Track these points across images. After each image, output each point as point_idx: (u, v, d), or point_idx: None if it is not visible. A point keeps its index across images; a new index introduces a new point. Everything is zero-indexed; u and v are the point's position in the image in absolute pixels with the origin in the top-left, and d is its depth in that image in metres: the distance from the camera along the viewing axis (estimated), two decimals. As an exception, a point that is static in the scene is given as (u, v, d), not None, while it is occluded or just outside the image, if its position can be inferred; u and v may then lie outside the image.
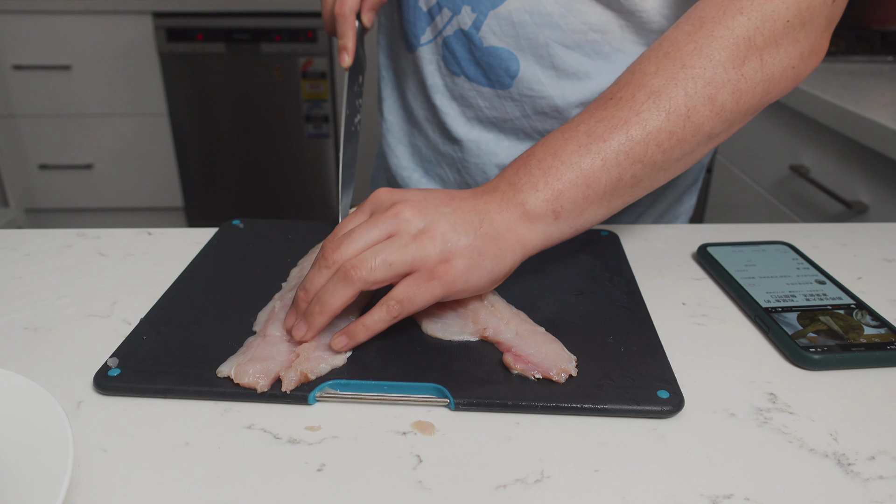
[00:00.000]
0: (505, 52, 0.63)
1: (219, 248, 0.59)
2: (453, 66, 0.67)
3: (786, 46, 0.48)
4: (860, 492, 0.34)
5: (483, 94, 0.67)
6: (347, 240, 0.43)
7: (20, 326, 0.48)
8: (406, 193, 0.45)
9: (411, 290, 0.42)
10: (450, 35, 0.65)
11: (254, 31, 2.24)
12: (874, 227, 0.66)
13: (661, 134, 0.45)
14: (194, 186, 2.48)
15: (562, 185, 0.45)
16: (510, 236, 0.44)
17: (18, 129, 2.35)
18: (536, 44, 0.62)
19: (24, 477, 0.31)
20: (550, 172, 0.45)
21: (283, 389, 0.40)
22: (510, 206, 0.45)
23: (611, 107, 0.46)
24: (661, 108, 0.45)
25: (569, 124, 0.47)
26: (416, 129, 0.75)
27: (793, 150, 1.23)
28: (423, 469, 0.36)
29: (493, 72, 0.65)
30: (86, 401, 0.41)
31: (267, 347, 0.43)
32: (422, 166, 0.77)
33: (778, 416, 0.40)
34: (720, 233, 0.64)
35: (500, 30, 0.63)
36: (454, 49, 0.66)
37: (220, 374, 0.41)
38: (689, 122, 0.46)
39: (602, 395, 0.40)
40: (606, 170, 0.45)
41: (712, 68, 0.46)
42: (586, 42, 0.62)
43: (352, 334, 0.43)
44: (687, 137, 0.46)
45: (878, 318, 0.48)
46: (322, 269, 0.43)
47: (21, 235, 0.62)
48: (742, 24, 0.46)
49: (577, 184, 0.45)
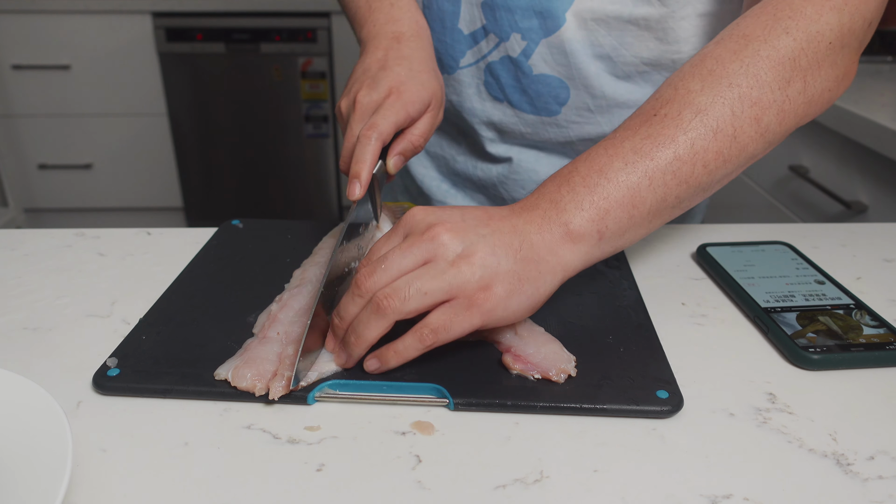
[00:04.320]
0: (555, 80, 0.63)
1: (218, 249, 0.59)
2: (496, 91, 0.65)
3: (826, 69, 0.46)
4: (859, 492, 0.34)
5: (526, 121, 0.66)
6: (381, 267, 0.41)
7: (19, 326, 0.48)
8: (442, 214, 0.42)
9: (447, 319, 0.40)
10: (495, 61, 0.64)
11: (253, 31, 2.24)
12: (873, 227, 0.66)
13: (708, 154, 0.44)
14: (194, 186, 2.48)
15: (608, 204, 0.42)
16: (551, 259, 0.42)
17: (18, 129, 2.35)
18: (588, 73, 0.62)
19: (24, 477, 0.31)
20: (596, 190, 0.42)
21: (269, 397, 0.40)
22: (552, 226, 0.42)
23: (656, 123, 0.44)
24: (709, 128, 0.43)
25: (611, 140, 0.45)
26: (444, 143, 0.74)
27: (792, 150, 1.23)
28: (422, 469, 0.36)
29: (542, 99, 0.64)
30: (85, 401, 0.41)
31: (264, 349, 0.43)
32: (450, 179, 0.75)
33: (777, 416, 0.40)
34: (719, 233, 0.64)
35: (551, 58, 0.62)
36: (499, 75, 0.64)
37: (218, 377, 0.41)
38: (735, 142, 0.44)
39: (601, 395, 0.40)
40: (653, 189, 0.43)
41: (759, 88, 0.44)
42: (636, 73, 0.62)
43: (384, 359, 0.41)
44: (731, 158, 0.45)
45: (877, 319, 0.48)
46: (356, 297, 0.41)
47: (20, 235, 0.62)
48: (788, 45, 0.45)
49: (623, 203, 0.43)
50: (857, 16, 0.47)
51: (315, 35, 2.25)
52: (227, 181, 2.47)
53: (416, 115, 0.52)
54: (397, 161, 0.52)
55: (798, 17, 0.45)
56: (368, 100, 0.51)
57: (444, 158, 0.74)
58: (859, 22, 0.47)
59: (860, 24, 0.47)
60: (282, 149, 2.41)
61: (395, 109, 0.50)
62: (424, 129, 0.53)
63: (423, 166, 0.76)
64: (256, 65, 2.28)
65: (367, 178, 0.48)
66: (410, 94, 0.51)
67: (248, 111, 2.36)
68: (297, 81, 2.30)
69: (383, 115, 0.49)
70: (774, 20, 0.46)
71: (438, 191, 0.76)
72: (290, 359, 0.42)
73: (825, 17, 0.45)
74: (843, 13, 0.46)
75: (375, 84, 0.51)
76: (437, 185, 0.75)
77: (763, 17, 0.46)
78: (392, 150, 0.51)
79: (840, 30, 0.46)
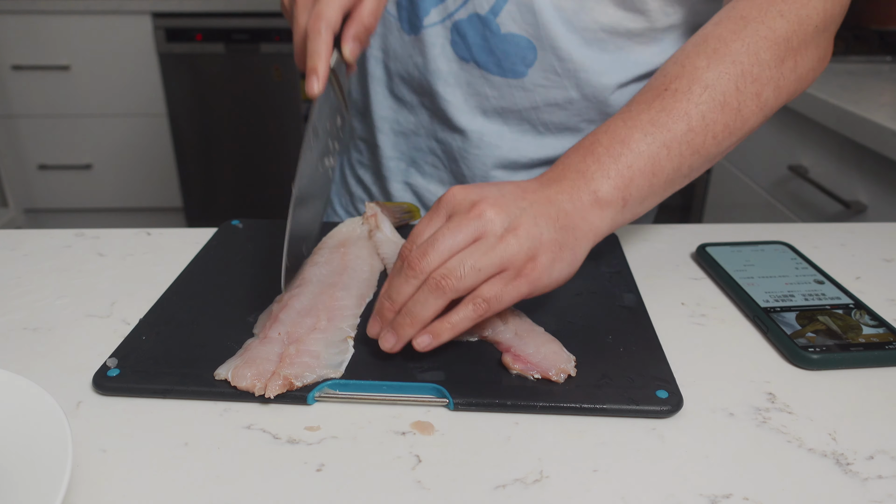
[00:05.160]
0: (523, 40, 0.62)
1: (218, 249, 0.59)
2: (462, 51, 0.64)
3: (812, 49, 0.52)
4: (859, 491, 0.34)
5: (492, 82, 0.65)
6: (432, 247, 0.42)
7: (19, 327, 0.48)
8: (482, 190, 0.44)
9: (498, 289, 0.41)
10: (462, 19, 0.63)
11: (253, 31, 2.24)
12: (873, 226, 0.66)
13: (717, 126, 0.48)
14: (193, 186, 2.48)
15: (631, 172, 0.46)
16: (583, 225, 0.45)
17: (18, 130, 2.35)
18: (555, 34, 0.62)
19: (24, 477, 0.31)
20: (621, 160, 0.46)
21: (266, 395, 0.40)
22: (581, 194, 0.45)
23: (668, 97, 0.48)
24: (717, 102, 0.48)
25: (628, 112, 0.48)
26: (402, 117, 0.72)
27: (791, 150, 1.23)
28: (422, 469, 0.36)
29: (508, 59, 0.63)
30: (85, 401, 0.41)
31: (264, 349, 0.43)
32: (409, 155, 0.74)
33: (777, 415, 0.40)
34: (719, 233, 0.64)
35: (520, 17, 0.61)
36: (465, 34, 0.63)
37: (218, 377, 0.41)
38: (739, 115, 0.48)
39: (601, 395, 0.40)
40: (671, 159, 0.47)
41: (759, 66, 0.49)
42: (595, 40, 0.62)
43: (436, 333, 0.42)
44: (736, 130, 0.49)
45: (876, 318, 0.48)
46: (410, 278, 0.42)
47: (20, 235, 0.62)
48: (782, 26, 0.50)
49: (644, 172, 0.46)
50: (838, 2, 0.53)
51: (315, 35, 2.25)
52: (227, 181, 2.47)
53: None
54: (353, 48, 0.50)
55: (791, 2, 0.51)
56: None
57: (405, 135, 0.73)
58: (839, 8, 0.53)
59: (839, 10, 0.53)
60: (281, 149, 2.41)
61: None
62: (372, 6, 0.51)
63: (385, 145, 0.74)
64: (256, 65, 2.28)
65: (324, 71, 0.47)
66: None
67: (248, 111, 2.36)
68: (297, 81, 2.30)
69: (326, 2, 0.48)
70: (769, 3, 0.51)
71: (397, 170, 0.74)
72: (292, 358, 0.42)
73: (813, 2, 0.51)
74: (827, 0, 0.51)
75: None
76: (395, 165, 0.74)
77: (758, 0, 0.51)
78: (345, 36, 0.50)
79: (824, 14, 0.51)
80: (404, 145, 0.74)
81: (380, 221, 0.57)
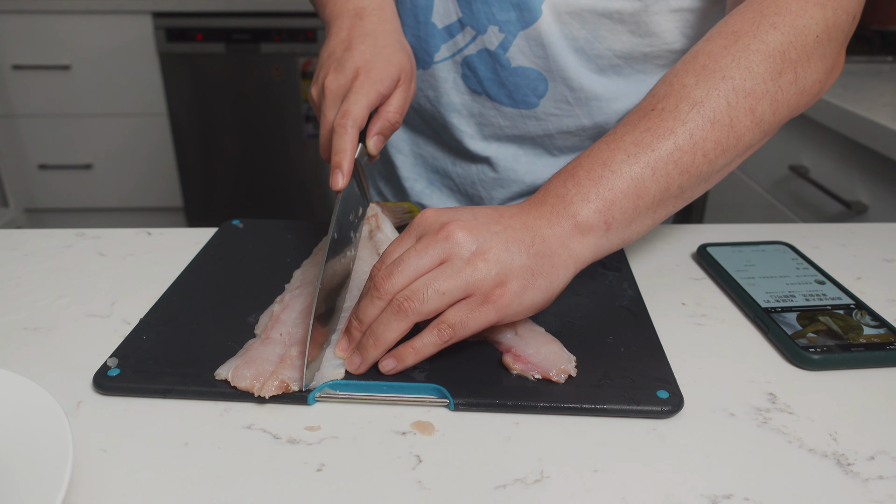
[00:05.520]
0: (533, 73, 0.63)
1: (218, 248, 0.58)
2: (474, 84, 0.65)
3: (815, 61, 0.48)
4: (859, 492, 0.34)
5: (505, 113, 0.66)
6: (398, 269, 0.41)
7: (19, 326, 0.48)
8: (454, 213, 0.43)
9: (463, 315, 0.40)
10: (472, 54, 0.63)
11: (253, 31, 2.24)
12: (874, 227, 0.66)
13: (707, 143, 0.45)
14: (194, 186, 2.48)
15: (613, 195, 0.44)
16: (562, 252, 0.43)
17: (18, 129, 2.35)
18: (565, 66, 0.62)
19: (24, 477, 0.31)
20: (601, 182, 0.44)
21: (259, 394, 0.40)
22: (561, 220, 0.43)
23: (654, 117, 0.46)
24: (706, 118, 0.45)
25: (612, 135, 0.46)
26: (421, 140, 0.73)
27: (792, 150, 1.23)
28: (422, 469, 0.36)
29: (520, 92, 0.64)
30: (85, 401, 0.41)
31: (265, 350, 0.43)
32: (426, 177, 0.75)
33: (777, 416, 0.40)
34: (720, 233, 0.64)
35: (529, 51, 0.62)
36: (476, 68, 0.64)
37: (218, 377, 0.41)
38: (732, 131, 0.46)
39: (601, 395, 0.40)
40: (656, 179, 0.44)
41: (752, 79, 0.46)
42: (610, 67, 0.63)
43: (400, 358, 0.41)
44: (729, 147, 0.46)
45: (877, 319, 0.48)
46: (375, 299, 0.42)
47: (20, 235, 0.62)
48: (776, 39, 0.47)
49: (627, 194, 0.44)
50: (841, 10, 0.49)
51: (315, 35, 2.25)
52: (227, 181, 2.47)
53: (387, 93, 0.52)
54: (377, 141, 0.52)
55: (784, 13, 0.48)
56: (336, 84, 0.51)
57: (423, 157, 0.74)
58: (843, 16, 0.49)
59: (844, 18, 0.49)
60: (282, 149, 2.41)
61: (364, 91, 0.50)
62: (399, 104, 0.53)
63: (398, 166, 0.75)
64: (256, 65, 2.28)
65: (348, 167, 0.48)
66: (378, 72, 0.51)
67: (248, 111, 2.35)
68: (297, 81, 2.30)
69: (354, 100, 0.49)
70: (761, 17, 0.48)
71: (414, 189, 0.75)
72: (293, 360, 0.42)
73: (810, 12, 0.48)
74: (827, 8, 0.48)
75: (342, 67, 0.51)
76: (413, 185, 0.75)
77: (750, 14, 0.48)
78: (370, 131, 0.52)
79: (825, 24, 0.48)
80: (422, 168, 0.74)
81: (380, 222, 0.57)
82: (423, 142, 0.73)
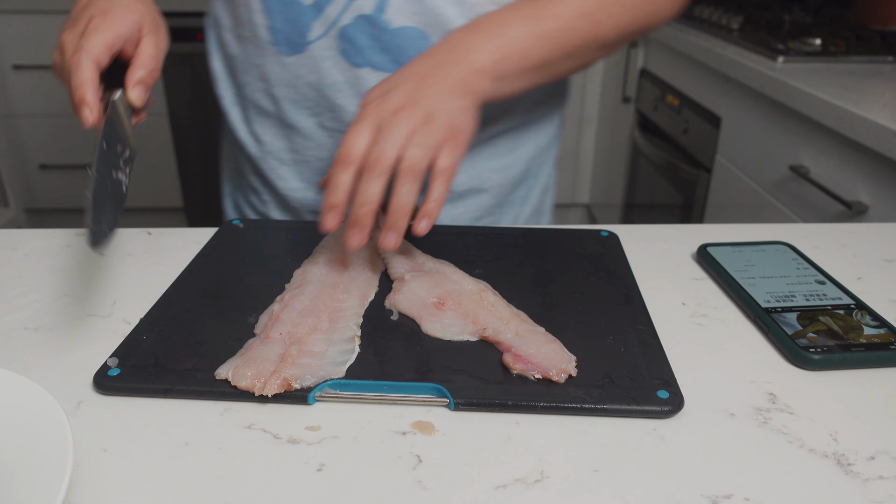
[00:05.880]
0: (415, 31, 0.61)
1: (219, 248, 0.58)
2: (355, 57, 0.63)
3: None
4: (860, 492, 0.34)
5: None
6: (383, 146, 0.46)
7: (20, 326, 0.48)
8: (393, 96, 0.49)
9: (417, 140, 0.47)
10: (348, 24, 0.61)
11: (254, 31, 2.23)
12: (874, 227, 0.66)
13: (587, 20, 0.56)
14: (194, 186, 2.48)
15: (503, 53, 0.53)
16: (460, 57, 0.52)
17: (18, 129, 2.35)
18: (445, 18, 0.61)
19: (24, 477, 0.31)
20: (496, 41, 0.53)
21: (261, 393, 0.40)
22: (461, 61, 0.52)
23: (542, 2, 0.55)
24: (580, 12, 0.55)
25: (508, 8, 0.55)
26: (301, 146, 0.69)
27: (792, 150, 1.23)
28: (422, 469, 0.36)
29: (405, 54, 0.62)
30: (85, 401, 0.41)
31: (266, 349, 0.43)
32: (314, 182, 0.71)
33: (778, 416, 0.40)
34: (720, 233, 0.64)
35: (408, 8, 0.61)
36: (355, 39, 0.62)
37: (218, 377, 0.41)
38: (606, 10, 0.56)
39: (602, 395, 0.40)
40: (540, 48, 0.54)
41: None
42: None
43: (429, 214, 0.47)
44: (603, 24, 0.57)
45: (877, 319, 0.48)
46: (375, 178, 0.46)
47: (21, 235, 0.62)
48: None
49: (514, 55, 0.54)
50: None
51: (315, 35, 2.25)
52: (228, 181, 2.47)
53: (126, 34, 0.51)
54: (139, 91, 0.51)
55: None
56: (72, 37, 0.51)
57: (307, 162, 0.70)
58: None
59: None
60: (282, 149, 2.41)
61: (100, 31, 0.49)
62: (151, 49, 0.52)
63: (283, 179, 0.71)
64: (257, 65, 2.28)
65: (93, 98, 0.47)
66: (114, 16, 0.51)
67: (248, 111, 2.35)
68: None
69: (87, 37, 0.49)
70: None
71: (305, 200, 0.71)
72: (294, 358, 0.42)
73: None
74: None
75: (76, 21, 0.52)
76: (303, 196, 0.71)
77: None
78: (128, 81, 0.50)
79: None
80: (308, 173, 0.71)
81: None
82: (304, 148, 0.69)
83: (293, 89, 0.66)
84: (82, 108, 0.47)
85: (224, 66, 0.72)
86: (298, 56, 0.64)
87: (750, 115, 1.38)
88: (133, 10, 0.52)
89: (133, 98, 0.50)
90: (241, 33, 0.67)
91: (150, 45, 0.52)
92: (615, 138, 2.29)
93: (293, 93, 0.66)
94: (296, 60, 0.64)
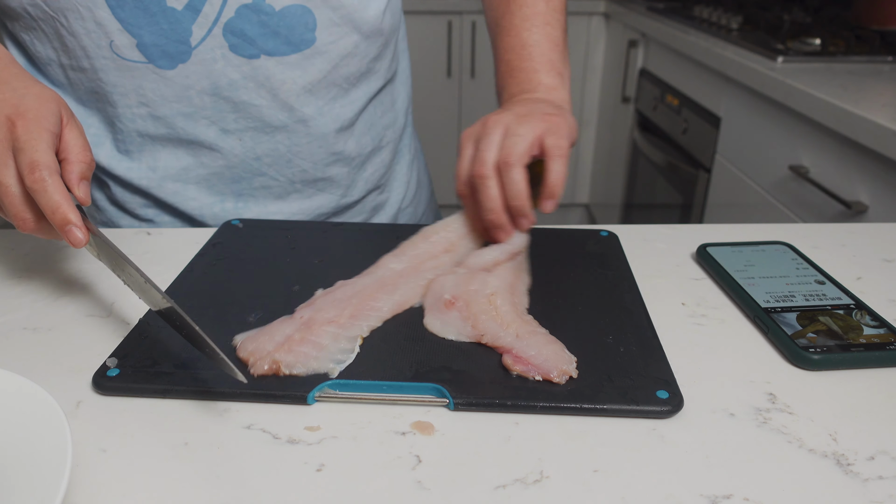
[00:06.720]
0: (299, 9, 0.61)
1: (218, 248, 0.59)
2: (247, 49, 0.61)
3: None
4: (859, 492, 0.34)
5: (290, 63, 0.63)
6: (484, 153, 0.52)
7: (19, 326, 0.48)
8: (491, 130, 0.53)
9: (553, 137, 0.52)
10: (231, 18, 0.60)
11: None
12: (873, 227, 0.66)
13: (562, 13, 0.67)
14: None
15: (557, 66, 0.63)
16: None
17: (18, 129, 2.35)
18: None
19: (23, 477, 0.31)
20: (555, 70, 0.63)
21: (251, 371, 0.41)
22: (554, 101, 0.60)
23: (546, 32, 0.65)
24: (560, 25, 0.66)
25: (537, 49, 0.63)
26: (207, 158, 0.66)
27: (792, 150, 1.23)
28: (422, 469, 0.36)
29: (295, 32, 0.62)
30: (85, 401, 0.41)
31: (280, 327, 0.43)
32: (231, 188, 0.68)
33: (777, 416, 0.40)
34: (720, 233, 0.64)
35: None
36: (242, 29, 0.60)
37: (234, 343, 0.43)
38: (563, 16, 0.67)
39: (601, 396, 0.40)
40: (560, 51, 0.65)
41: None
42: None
43: (552, 194, 0.51)
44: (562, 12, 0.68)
45: (877, 319, 0.48)
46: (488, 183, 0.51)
47: (20, 235, 0.62)
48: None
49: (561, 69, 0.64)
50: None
51: (315, 35, 2.25)
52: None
53: (56, 131, 0.47)
54: (84, 188, 0.46)
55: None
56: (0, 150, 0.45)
57: (219, 174, 0.68)
58: None
59: None
60: (282, 149, 2.41)
61: (35, 134, 0.45)
62: (80, 140, 0.48)
63: (193, 199, 0.68)
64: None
65: (77, 217, 0.44)
66: (37, 112, 0.46)
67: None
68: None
69: (32, 147, 0.44)
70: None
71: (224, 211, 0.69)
72: (293, 345, 0.42)
73: None
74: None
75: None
76: (220, 210, 0.69)
77: None
78: (70, 182, 0.45)
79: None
80: (221, 184, 0.68)
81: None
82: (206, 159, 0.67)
83: (184, 102, 0.63)
84: (70, 230, 0.44)
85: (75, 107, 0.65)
86: (183, 66, 0.61)
87: (749, 115, 1.38)
88: (46, 98, 0.48)
89: (82, 196, 0.46)
90: (78, 64, 0.61)
91: (76, 136, 0.48)
92: (615, 138, 2.29)
93: (185, 106, 0.63)
94: (180, 71, 0.61)
